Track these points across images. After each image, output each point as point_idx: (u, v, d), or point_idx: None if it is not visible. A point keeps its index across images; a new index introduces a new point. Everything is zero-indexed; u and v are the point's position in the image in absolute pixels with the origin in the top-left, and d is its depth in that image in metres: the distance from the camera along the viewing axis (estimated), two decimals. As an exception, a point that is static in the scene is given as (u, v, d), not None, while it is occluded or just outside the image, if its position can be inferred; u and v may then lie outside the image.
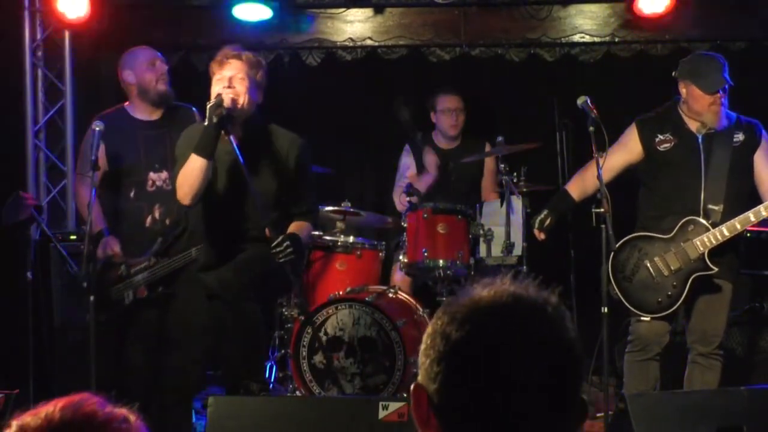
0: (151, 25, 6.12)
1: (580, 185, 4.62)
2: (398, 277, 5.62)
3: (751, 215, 4.22)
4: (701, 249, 4.25)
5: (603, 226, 4.14)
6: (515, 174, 5.59)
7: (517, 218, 5.58)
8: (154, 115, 4.84)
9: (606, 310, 4.14)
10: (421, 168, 6.00)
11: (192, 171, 4.07)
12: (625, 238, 4.42)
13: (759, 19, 6.02)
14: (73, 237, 5.35)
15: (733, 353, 4.95)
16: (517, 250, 5.54)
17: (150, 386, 4.59)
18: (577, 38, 6.14)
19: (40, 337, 5.14)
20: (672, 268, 4.33)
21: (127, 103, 4.87)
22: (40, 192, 5.95)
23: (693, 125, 4.39)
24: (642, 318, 4.36)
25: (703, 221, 4.26)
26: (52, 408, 1.31)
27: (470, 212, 5.42)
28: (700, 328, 4.39)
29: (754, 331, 5.15)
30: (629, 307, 4.38)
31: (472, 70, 6.39)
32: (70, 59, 5.98)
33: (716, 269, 4.27)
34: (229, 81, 4.09)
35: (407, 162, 6.08)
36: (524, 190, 5.60)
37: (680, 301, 4.31)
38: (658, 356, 4.42)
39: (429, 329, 1.30)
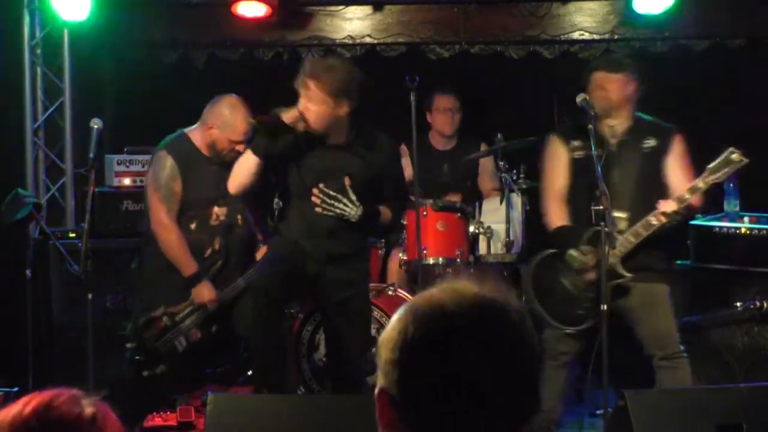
0: (150, 23, 6.12)
1: (562, 212, 4.40)
2: (394, 273, 5.61)
3: (652, 219, 4.14)
4: (611, 260, 4.12)
5: (602, 223, 4.12)
6: (515, 171, 5.59)
7: (517, 216, 5.57)
8: None
9: (605, 308, 4.12)
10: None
11: (243, 166, 4.26)
12: (541, 256, 4.40)
13: (758, 16, 6.02)
14: (72, 235, 5.35)
15: (733, 351, 4.94)
16: (517, 248, 5.55)
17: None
18: (576, 35, 6.14)
19: (39, 335, 5.14)
20: (587, 280, 4.26)
21: (191, 130, 4.77)
22: (39, 190, 5.94)
23: (604, 132, 4.30)
24: (567, 330, 4.30)
25: (609, 231, 4.10)
26: (22, 406, 1.30)
27: (469, 210, 5.42)
28: (649, 335, 4.29)
29: (754, 329, 5.15)
30: (552, 321, 4.32)
31: (472, 68, 6.38)
32: (69, 57, 5.97)
33: (629, 275, 4.18)
34: (305, 102, 4.19)
35: (404, 163, 6.06)
36: (524, 187, 5.60)
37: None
38: (568, 365, 4.37)
39: (391, 334, 1.29)
